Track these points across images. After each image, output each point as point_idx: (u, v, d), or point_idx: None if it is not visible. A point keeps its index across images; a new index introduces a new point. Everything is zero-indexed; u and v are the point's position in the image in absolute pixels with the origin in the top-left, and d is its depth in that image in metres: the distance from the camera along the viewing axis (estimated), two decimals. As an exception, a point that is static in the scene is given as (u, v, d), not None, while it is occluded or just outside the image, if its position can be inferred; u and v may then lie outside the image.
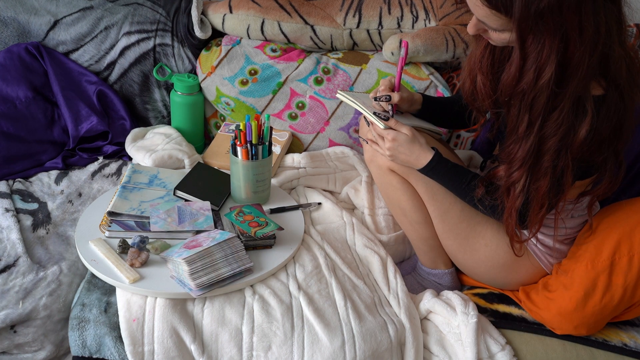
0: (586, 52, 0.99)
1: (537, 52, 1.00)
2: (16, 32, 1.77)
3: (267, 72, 1.77)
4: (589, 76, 1.03)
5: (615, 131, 1.08)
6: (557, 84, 1.01)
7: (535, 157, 1.09)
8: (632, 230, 1.21)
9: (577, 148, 1.07)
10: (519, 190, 1.13)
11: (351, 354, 1.17)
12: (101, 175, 1.66)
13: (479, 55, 1.22)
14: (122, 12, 1.80)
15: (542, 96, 1.03)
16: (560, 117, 1.04)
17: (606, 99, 1.06)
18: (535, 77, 1.01)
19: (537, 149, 1.08)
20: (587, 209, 1.28)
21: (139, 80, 1.82)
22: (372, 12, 1.78)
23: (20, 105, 1.69)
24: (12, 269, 1.32)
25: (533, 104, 1.04)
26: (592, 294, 1.22)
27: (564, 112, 1.04)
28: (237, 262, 1.24)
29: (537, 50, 1.00)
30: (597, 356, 1.26)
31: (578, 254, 1.26)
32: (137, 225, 1.35)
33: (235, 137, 1.43)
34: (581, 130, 1.05)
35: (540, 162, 1.09)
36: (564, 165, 1.08)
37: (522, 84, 1.03)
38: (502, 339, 1.26)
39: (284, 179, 1.64)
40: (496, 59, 1.21)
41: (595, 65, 1.02)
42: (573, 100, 1.03)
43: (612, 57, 1.05)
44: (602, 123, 1.06)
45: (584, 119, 1.05)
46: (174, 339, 1.17)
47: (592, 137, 1.06)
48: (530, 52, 1.01)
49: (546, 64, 0.99)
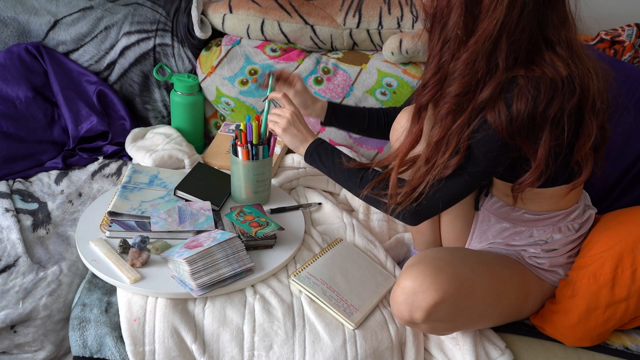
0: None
1: None
2: (16, 32, 1.77)
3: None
4: (503, 30, 1.02)
5: (556, 119, 1.05)
6: (467, 12, 1.02)
7: (441, 86, 1.10)
8: (635, 243, 1.20)
9: (480, 102, 1.06)
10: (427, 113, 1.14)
11: (352, 353, 1.17)
12: (101, 175, 1.66)
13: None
14: (122, 12, 1.80)
15: (455, 14, 1.04)
16: (470, 59, 1.04)
17: (543, 79, 1.04)
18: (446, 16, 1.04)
19: (444, 76, 1.09)
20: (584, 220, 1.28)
21: (139, 80, 1.82)
22: (372, 12, 1.78)
23: (20, 105, 1.69)
24: (12, 269, 1.31)
25: (447, 23, 1.06)
26: (595, 308, 1.21)
27: (474, 56, 1.03)
28: (238, 262, 1.24)
29: None
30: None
31: (581, 267, 1.25)
32: (138, 225, 1.35)
33: (236, 137, 1.43)
34: (488, 87, 1.05)
35: (440, 106, 1.10)
36: (461, 123, 1.08)
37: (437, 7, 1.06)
38: (501, 343, 1.26)
39: (284, 179, 1.64)
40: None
41: (515, 24, 1.02)
42: (486, 49, 1.03)
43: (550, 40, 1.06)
44: (537, 103, 1.03)
45: (494, 75, 1.04)
46: (175, 339, 1.17)
47: (514, 111, 1.04)
48: None
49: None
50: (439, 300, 1.09)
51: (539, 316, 1.31)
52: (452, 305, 1.12)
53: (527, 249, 1.28)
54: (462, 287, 1.13)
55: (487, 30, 1.02)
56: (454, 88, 1.07)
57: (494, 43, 1.03)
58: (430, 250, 1.24)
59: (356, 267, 1.35)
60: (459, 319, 1.17)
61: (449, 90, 1.08)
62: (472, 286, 1.15)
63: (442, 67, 1.09)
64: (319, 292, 1.25)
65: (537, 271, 1.28)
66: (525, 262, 1.29)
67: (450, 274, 1.12)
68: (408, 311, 1.12)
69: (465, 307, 1.15)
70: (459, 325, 1.19)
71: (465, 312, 1.16)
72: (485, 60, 1.04)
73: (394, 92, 1.74)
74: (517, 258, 1.29)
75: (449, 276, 1.12)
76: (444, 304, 1.10)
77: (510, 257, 1.29)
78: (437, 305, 1.10)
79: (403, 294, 1.12)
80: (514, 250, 1.30)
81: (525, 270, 1.27)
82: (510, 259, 1.28)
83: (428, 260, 1.15)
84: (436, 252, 1.23)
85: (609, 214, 1.32)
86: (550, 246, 1.27)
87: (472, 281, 1.16)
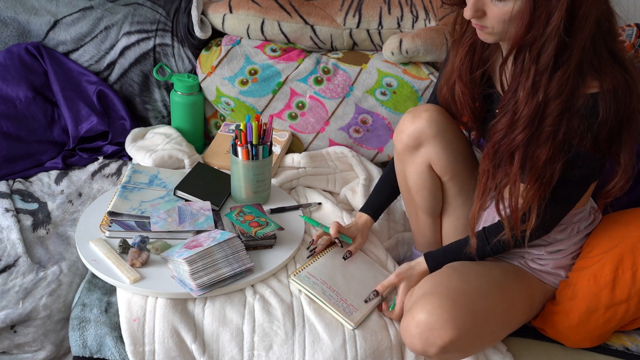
0: (593, 6, 1.00)
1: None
2: (16, 32, 1.77)
3: (267, 72, 1.77)
4: (594, 39, 1.03)
5: (622, 124, 1.08)
6: (566, 32, 1.01)
7: (540, 119, 1.07)
8: (635, 244, 1.20)
9: (575, 113, 1.06)
10: (523, 153, 1.10)
11: (352, 353, 1.17)
12: (101, 175, 1.66)
13: (458, 63, 1.22)
14: (122, 12, 1.80)
15: (551, 44, 1.02)
16: (565, 76, 1.03)
17: (616, 90, 1.05)
18: (545, 22, 1.01)
19: (542, 109, 1.06)
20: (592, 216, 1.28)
21: (139, 80, 1.82)
22: (372, 12, 1.78)
23: (20, 105, 1.69)
24: (12, 269, 1.31)
25: (541, 53, 1.03)
26: (595, 309, 1.21)
27: (568, 71, 1.03)
28: (238, 262, 1.24)
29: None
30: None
31: (581, 268, 1.24)
32: (138, 225, 1.35)
33: (236, 137, 1.43)
34: (580, 97, 1.05)
35: (542, 126, 1.07)
36: (564, 135, 1.07)
37: (532, 31, 1.03)
38: (502, 346, 1.26)
39: (284, 179, 1.64)
40: (474, 65, 1.22)
41: (595, 28, 1.02)
42: (577, 61, 1.03)
43: (615, 44, 1.07)
44: (610, 113, 1.05)
45: (583, 84, 1.05)
46: (174, 339, 1.17)
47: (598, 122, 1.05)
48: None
49: (555, 8, 0.99)
50: (455, 338, 1.08)
51: (539, 318, 1.31)
52: (468, 339, 1.11)
53: (531, 251, 1.27)
54: (477, 321, 1.12)
55: (580, 44, 1.02)
56: (552, 110, 1.06)
57: (583, 54, 1.03)
58: (442, 276, 1.20)
59: (356, 267, 1.35)
60: (472, 349, 1.16)
61: (547, 112, 1.06)
62: (486, 317, 1.15)
63: (538, 97, 1.06)
64: (319, 292, 1.25)
65: (540, 274, 1.28)
66: (528, 266, 1.28)
67: (466, 308, 1.11)
68: (422, 345, 1.10)
69: (479, 338, 1.14)
70: (471, 352, 1.19)
71: (478, 343, 1.16)
72: (576, 73, 1.04)
73: (394, 92, 1.74)
74: (520, 263, 1.29)
75: (465, 311, 1.10)
76: (459, 341, 1.09)
77: (513, 265, 1.29)
78: (453, 343, 1.08)
79: (417, 327, 1.10)
80: (518, 254, 1.30)
81: (530, 277, 1.27)
82: (515, 268, 1.28)
83: (444, 292, 1.13)
84: (449, 279, 1.19)
85: (609, 216, 1.32)
86: (555, 247, 1.27)
87: (486, 312, 1.15)
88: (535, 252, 1.27)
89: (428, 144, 1.28)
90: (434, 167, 1.31)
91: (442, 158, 1.28)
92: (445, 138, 1.27)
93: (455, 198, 1.36)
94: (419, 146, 1.29)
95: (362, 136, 1.77)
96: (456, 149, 1.30)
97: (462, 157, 1.32)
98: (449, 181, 1.33)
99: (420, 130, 1.27)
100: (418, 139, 1.28)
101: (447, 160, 1.28)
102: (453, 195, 1.35)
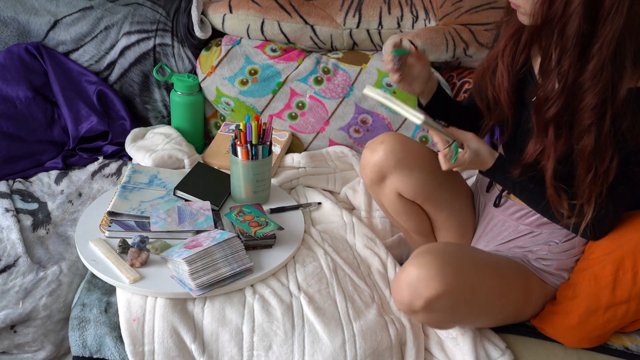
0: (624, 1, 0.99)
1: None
2: (16, 32, 1.77)
3: (267, 72, 1.78)
4: (633, 33, 1.01)
5: None
6: (589, 19, 1.00)
7: (574, 107, 1.08)
8: (636, 246, 1.19)
9: (619, 106, 1.05)
10: (555, 129, 1.10)
11: (352, 353, 1.17)
12: (101, 175, 1.66)
13: (503, 44, 1.22)
14: (122, 12, 1.80)
15: (572, 27, 1.01)
16: (598, 66, 1.02)
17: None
18: (564, 2, 1.01)
19: (577, 97, 1.06)
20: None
21: (139, 80, 1.82)
22: (372, 12, 1.78)
23: (20, 105, 1.69)
24: (12, 269, 1.32)
25: (563, 34, 1.03)
26: (595, 310, 1.21)
27: (601, 62, 1.02)
28: (238, 262, 1.24)
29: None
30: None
31: (582, 269, 1.24)
32: (137, 225, 1.35)
33: (235, 137, 1.43)
34: (622, 89, 1.04)
35: (579, 115, 1.07)
36: (608, 129, 1.06)
37: (553, 8, 1.02)
38: (502, 343, 1.26)
39: (284, 178, 1.64)
40: (519, 50, 1.20)
41: (631, 22, 1.00)
42: (612, 53, 1.02)
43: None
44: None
45: (623, 76, 1.03)
46: (174, 339, 1.17)
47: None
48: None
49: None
50: (442, 292, 1.09)
51: (539, 317, 1.31)
52: (454, 298, 1.12)
53: (537, 252, 1.28)
54: (465, 283, 1.13)
55: (609, 35, 1.00)
56: (589, 101, 1.05)
57: (618, 47, 1.02)
58: (440, 242, 1.24)
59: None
60: (457, 314, 1.17)
61: (583, 104, 1.06)
62: (475, 283, 1.16)
63: (563, 76, 1.06)
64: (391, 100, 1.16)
65: (542, 274, 1.28)
66: (531, 264, 1.28)
67: (457, 268, 1.13)
68: (409, 297, 1.12)
69: (466, 302, 1.15)
70: (457, 319, 1.19)
71: (465, 308, 1.16)
72: (611, 65, 1.03)
73: (394, 92, 1.74)
74: (523, 261, 1.29)
75: (455, 270, 1.12)
76: (445, 297, 1.10)
77: (515, 261, 1.29)
78: (439, 297, 1.10)
79: (407, 279, 1.12)
80: (521, 252, 1.30)
81: (529, 273, 1.27)
82: (516, 263, 1.28)
83: (437, 251, 1.15)
84: (445, 245, 1.23)
85: None
86: (561, 247, 1.27)
87: (476, 278, 1.17)
88: (540, 252, 1.28)
89: (391, 175, 1.30)
90: (403, 195, 1.33)
91: (408, 185, 1.30)
92: (406, 165, 1.29)
93: (439, 214, 1.38)
94: (383, 178, 1.31)
95: (362, 136, 1.77)
96: (421, 171, 1.30)
97: (431, 177, 1.31)
98: (424, 203, 1.35)
99: (380, 163, 1.29)
100: (380, 172, 1.30)
101: (415, 185, 1.30)
102: (435, 212, 1.38)
